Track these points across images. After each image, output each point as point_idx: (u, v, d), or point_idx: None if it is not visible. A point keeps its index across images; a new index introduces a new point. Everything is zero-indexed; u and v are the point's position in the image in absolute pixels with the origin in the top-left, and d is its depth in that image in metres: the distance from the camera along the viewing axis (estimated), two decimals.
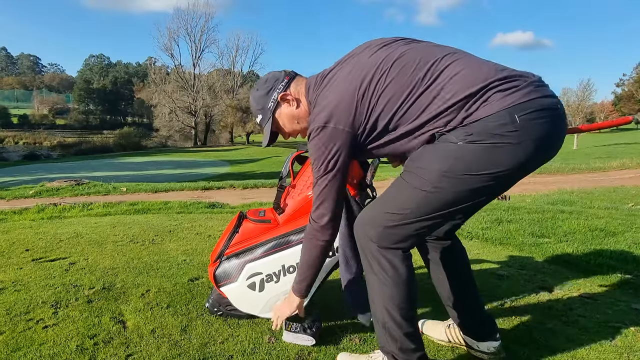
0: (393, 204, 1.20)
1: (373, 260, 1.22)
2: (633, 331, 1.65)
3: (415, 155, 1.18)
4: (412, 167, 1.17)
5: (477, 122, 1.07)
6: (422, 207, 1.15)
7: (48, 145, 43.44)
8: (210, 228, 3.47)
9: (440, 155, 1.11)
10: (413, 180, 1.16)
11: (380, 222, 1.20)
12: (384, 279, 1.21)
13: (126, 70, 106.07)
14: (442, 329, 1.55)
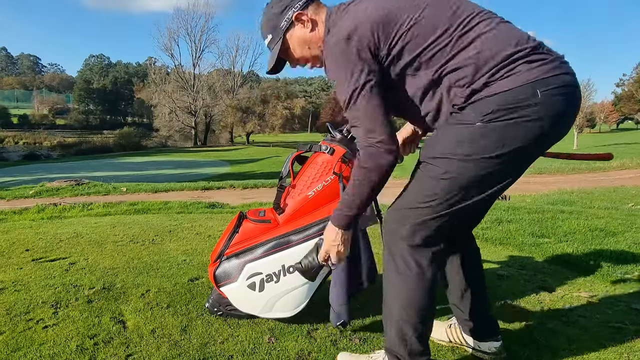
0: (419, 198, 1.16)
1: (400, 259, 1.20)
2: (633, 331, 1.65)
3: (430, 142, 1.16)
4: (430, 157, 1.14)
5: (496, 96, 1.04)
6: (449, 196, 1.12)
7: (48, 145, 43.48)
8: (210, 228, 3.47)
9: (459, 139, 1.08)
10: (434, 169, 1.13)
11: (410, 218, 1.17)
12: (408, 279, 1.18)
13: (126, 70, 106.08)
14: (442, 329, 1.54)
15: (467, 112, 1.08)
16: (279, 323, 1.65)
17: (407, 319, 1.20)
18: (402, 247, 1.19)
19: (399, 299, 1.21)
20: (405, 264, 1.19)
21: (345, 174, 1.54)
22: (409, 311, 1.20)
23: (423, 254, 1.18)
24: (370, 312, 1.79)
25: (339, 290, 1.49)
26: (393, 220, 1.22)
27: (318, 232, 1.54)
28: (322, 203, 1.57)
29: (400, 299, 1.21)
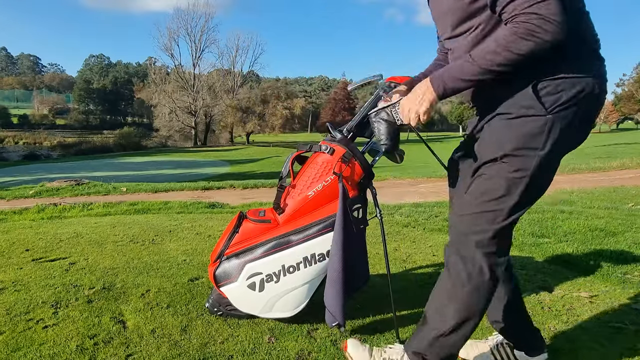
0: (490, 201, 1.13)
1: (472, 265, 1.16)
2: (633, 331, 1.65)
3: (490, 139, 1.13)
4: (498, 155, 1.11)
5: (569, 79, 1.05)
6: (524, 196, 1.11)
7: (48, 145, 43.48)
8: (210, 228, 3.47)
9: (531, 132, 1.07)
10: (505, 168, 1.10)
11: (484, 223, 1.14)
12: (480, 286, 1.16)
13: (126, 70, 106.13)
14: (486, 351, 1.45)
15: (535, 102, 1.06)
16: (279, 323, 1.65)
17: (454, 326, 1.17)
18: (477, 253, 1.15)
19: (458, 304, 1.17)
20: (479, 270, 1.15)
21: (345, 174, 1.54)
22: (464, 318, 1.16)
23: (498, 261, 1.16)
24: (370, 312, 1.79)
25: (333, 291, 1.49)
26: (465, 225, 1.18)
27: (318, 232, 1.54)
28: (322, 203, 1.57)
29: (461, 304, 1.17)
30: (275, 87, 48.16)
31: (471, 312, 1.17)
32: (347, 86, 1.40)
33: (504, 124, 1.12)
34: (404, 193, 7.61)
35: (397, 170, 11.56)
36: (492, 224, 1.14)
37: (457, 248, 1.20)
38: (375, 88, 1.55)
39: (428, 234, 3.41)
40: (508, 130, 1.11)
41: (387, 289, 1.59)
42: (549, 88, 1.06)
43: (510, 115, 1.11)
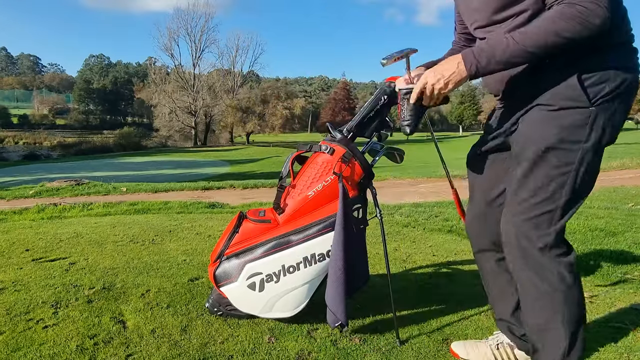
0: (542, 202, 1.09)
1: (551, 274, 1.11)
2: (633, 331, 1.65)
3: (531, 132, 1.09)
4: (538, 149, 1.08)
5: (613, 71, 1.03)
6: (573, 192, 1.08)
7: (48, 145, 43.50)
8: (210, 228, 3.47)
9: (574, 124, 1.04)
10: (551, 164, 1.07)
11: (544, 229, 1.10)
12: (568, 292, 1.12)
13: (126, 70, 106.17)
14: (487, 351, 1.44)
15: (580, 94, 1.03)
16: (279, 323, 1.65)
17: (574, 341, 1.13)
18: (546, 260, 1.11)
19: (561, 318, 1.12)
20: (559, 277, 1.11)
21: (345, 174, 1.54)
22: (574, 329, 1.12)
23: (569, 259, 1.12)
24: (370, 312, 1.79)
25: (334, 291, 1.49)
26: (522, 233, 1.13)
27: (318, 232, 1.54)
28: (322, 203, 1.57)
29: (563, 316, 1.12)
30: (275, 87, 48.17)
31: (576, 318, 1.13)
32: (381, 61, 1.25)
33: (545, 115, 1.08)
34: (404, 193, 7.60)
35: (397, 170, 11.56)
36: (550, 225, 1.09)
37: (523, 262, 1.14)
38: (375, 88, 1.56)
39: (428, 234, 3.41)
40: (550, 123, 1.07)
41: (387, 289, 1.59)
42: (594, 79, 1.03)
43: (552, 107, 1.07)
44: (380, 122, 1.60)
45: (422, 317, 1.76)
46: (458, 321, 1.73)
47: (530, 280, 1.15)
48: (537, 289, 1.14)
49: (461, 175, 11.14)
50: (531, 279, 1.14)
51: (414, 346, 1.52)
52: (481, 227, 1.41)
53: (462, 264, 2.55)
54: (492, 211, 1.36)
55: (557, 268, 1.11)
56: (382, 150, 1.66)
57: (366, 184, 1.61)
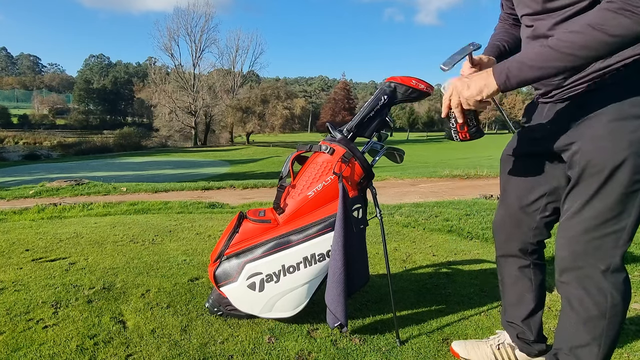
0: (609, 221, 1.03)
1: (605, 297, 1.07)
2: (633, 331, 1.66)
3: (595, 144, 1.00)
4: (604, 163, 0.99)
5: None
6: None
7: (48, 145, 43.51)
8: (210, 228, 3.47)
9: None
10: (619, 180, 0.99)
11: (609, 250, 1.05)
12: (611, 315, 1.08)
13: (126, 70, 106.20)
14: (488, 351, 1.44)
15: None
16: (279, 323, 1.65)
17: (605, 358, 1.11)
18: (604, 281, 1.07)
19: (601, 339, 1.08)
20: (611, 298, 1.07)
21: (345, 174, 1.54)
22: (610, 349, 1.10)
23: (625, 286, 1.09)
24: (370, 312, 1.79)
25: (334, 292, 1.49)
26: (584, 252, 1.07)
27: (318, 232, 1.54)
28: (322, 203, 1.57)
29: (610, 338, 1.09)
30: (275, 87, 48.09)
31: (614, 340, 1.10)
32: (441, 67, 1.11)
33: (613, 128, 0.99)
34: (404, 193, 7.61)
35: (397, 170, 11.56)
36: (616, 247, 1.05)
37: (578, 279, 1.09)
38: (375, 88, 1.56)
39: (428, 234, 3.41)
40: (620, 136, 0.97)
41: (387, 289, 1.59)
42: None
43: (619, 116, 0.98)
44: (380, 122, 1.60)
45: (422, 317, 1.76)
46: (458, 321, 1.73)
47: (581, 301, 1.10)
48: (586, 311, 1.10)
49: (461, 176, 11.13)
50: (582, 300, 1.10)
51: (414, 346, 1.52)
52: (512, 231, 1.34)
53: (462, 264, 2.55)
54: (526, 217, 1.30)
55: (610, 289, 1.07)
56: (382, 150, 1.66)
57: (366, 184, 1.61)
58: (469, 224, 3.71)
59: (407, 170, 12.20)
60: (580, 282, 1.09)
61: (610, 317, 1.07)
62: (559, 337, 1.18)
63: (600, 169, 1.01)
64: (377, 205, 1.64)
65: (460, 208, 4.65)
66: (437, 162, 17.50)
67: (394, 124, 1.73)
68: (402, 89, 1.58)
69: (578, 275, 1.09)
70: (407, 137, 61.26)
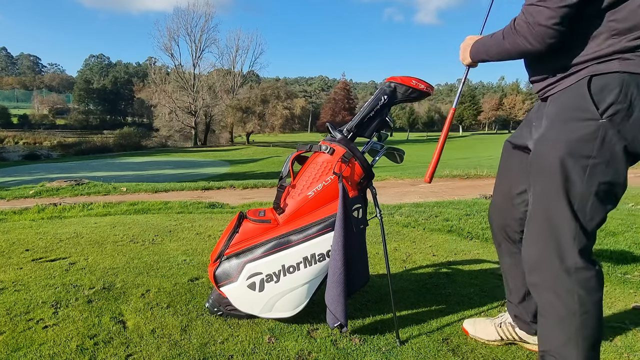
0: (561, 218, 1.10)
1: (567, 293, 1.11)
2: (633, 331, 1.65)
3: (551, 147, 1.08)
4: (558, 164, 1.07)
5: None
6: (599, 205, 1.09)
7: (48, 145, 43.50)
8: (210, 228, 3.47)
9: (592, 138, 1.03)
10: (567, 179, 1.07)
11: (570, 245, 1.10)
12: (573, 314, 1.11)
13: (126, 70, 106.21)
14: (492, 329, 1.55)
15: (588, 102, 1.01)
16: (279, 323, 1.65)
17: (597, 352, 1.13)
18: (572, 282, 1.10)
19: (587, 339, 1.10)
20: (580, 301, 1.10)
21: (345, 174, 1.54)
22: (588, 351, 1.11)
23: (592, 284, 1.12)
24: (370, 312, 1.79)
25: (334, 292, 1.49)
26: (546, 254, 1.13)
27: (318, 232, 1.54)
28: (322, 203, 1.57)
29: (587, 336, 1.10)
30: (275, 87, 48.10)
31: (594, 338, 1.12)
32: None
33: (554, 128, 1.10)
34: (404, 193, 7.61)
35: (397, 170, 11.56)
36: (574, 245, 1.11)
37: (545, 279, 1.14)
38: (374, 88, 1.56)
39: (428, 234, 3.41)
40: (558, 137, 1.09)
41: (387, 289, 1.59)
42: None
43: (562, 119, 1.09)
44: (380, 122, 1.60)
45: (422, 317, 1.76)
46: (458, 321, 1.73)
47: (550, 303, 1.14)
48: (556, 312, 1.13)
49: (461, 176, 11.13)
50: (551, 302, 1.13)
51: (414, 346, 1.52)
52: (499, 219, 1.46)
53: (462, 264, 2.55)
54: (509, 207, 1.41)
55: (578, 291, 1.09)
56: (382, 150, 1.66)
57: (366, 184, 1.61)
58: (469, 224, 3.71)
59: (407, 170, 12.20)
60: (547, 282, 1.13)
61: (582, 314, 1.09)
62: (541, 339, 1.21)
63: (541, 168, 1.09)
64: (377, 205, 1.64)
65: (460, 208, 4.65)
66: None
67: (394, 124, 1.73)
68: (402, 89, 1.58)
69: (544, 276, 1.13)
70: (407, 137, 61.24)
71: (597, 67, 1.01)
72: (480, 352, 1.50)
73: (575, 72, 1.05)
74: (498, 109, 69.70)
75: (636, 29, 0.97)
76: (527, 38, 1.03)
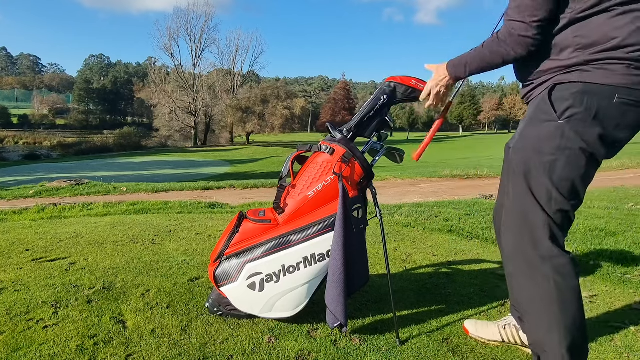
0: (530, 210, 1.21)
1: (543, 280, 1.18)
2: (633, 331, 1.65)
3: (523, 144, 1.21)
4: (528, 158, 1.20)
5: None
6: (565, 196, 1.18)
7: (48, 145, 43.52)
8: (210, 228, 3.47)
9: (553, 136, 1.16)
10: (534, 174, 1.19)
11: (542, 234, 1.19)
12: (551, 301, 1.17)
13: (126, 70, 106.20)
14: (495, 330, 1.56)
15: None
16: (279, 323, 1.65)
17: (582, 338, 1.18)
18: (546, 269, 1.17)
19: (568, 327, 1.16)
20: (557, 287, 1.17)
21: (345, 174, 1.54)
22: (570, 340, 1.16)
23: (566, 269, 1.18)
24: (370, 312, 1.79)
25: (334, 292, 1.49)
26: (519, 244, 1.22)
27: (318, 232, 1.54)
28: (322, 203, 1.57)
29: (568, 325, 1.16)
30: (275, 87, 48.06)
31: (577, 328, 1.17)
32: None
33: (525, 128, 1.24)
34: (404, 193, 7.61)
35: (397, 170, 11.55)
36: (545, 234, 1.18)
37: (520, 268, 1.22)
38: (374, 88, 1.57)
39: (428, 234, 3.41)
40: (527, 135, 1.23)
41: (387, 289, 1.59)
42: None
43: (531, 119, 1.23)
44: (380, 121, 1.60)
45: (422, 317, 1.76)
46: (458, 321, 1.73)
47: (528, 290, 1.21)
48: (534, 300, 1.20)
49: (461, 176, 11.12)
50: (529, 290, 1.21)
51: (414, 346, 1.52)
52: (499, 217, 1.49)
53: (462, 264, 2.55)
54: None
55: (554, 278, 1.16)
56: (382, 150, 1.66)
57: (366, 184, 1.61)
58: (469, 224, 3.71)
59: (407, 170, 12.19)
60: (523, 269, 1.21)
61: (560, 301, 1.16)
62: (527, 332, 1.27)
63: (510, 166, 1.25)
64: (377, 205, 1.64)
65: (460, 208, 4.64)
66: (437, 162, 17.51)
67: (394, 124, 1.73)
68: (401, 89, 1.58)
69: (520, 264, 1.22)
70: (407, 137, 61.20)
71: (562, 76, 1.15)
72: (480, 352, 1.50)
73: (547, 80, 1.19)
74: (498, 109, 69.71)
75: (596, 44, 1.09)
76: (512, 47, 1.19)
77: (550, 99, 1.14)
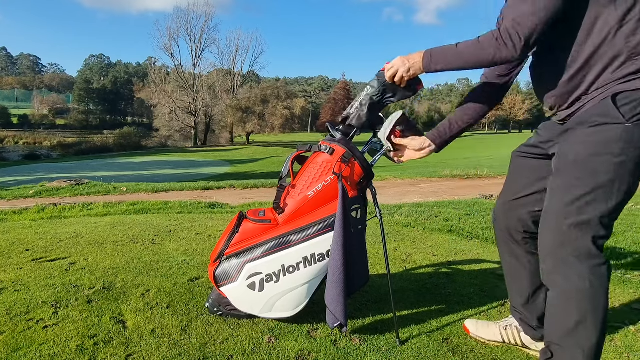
0: (577, 209, 1.18)
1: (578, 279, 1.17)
2: (633, 331, 1.66)
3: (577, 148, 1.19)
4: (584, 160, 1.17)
5: None
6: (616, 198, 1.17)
7: (48, 145, 43.51)
8: (210, 228, 3.47)
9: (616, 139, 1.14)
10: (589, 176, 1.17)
11: (583, 234, 1.17)
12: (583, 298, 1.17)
13: (126, 70, 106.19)
14: (496, 330, 1.56)
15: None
16: (279, 323, 1.65)
17: (602, 340, 1.18)
18: (583, 268, 1.17)
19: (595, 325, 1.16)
20: (589, 282, 1.17)
21: (345, 174, 1.54)
22: (603, 331, 1.17)
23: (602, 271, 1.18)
24: (370, 312, 1.79)
25: (334, 292, 1.49)
26: (559, 242, 1.20)
27: (318, 232, 1.54)
28: (322, 203, 1.57)
29: (596, 324, 1.17)
30: (275, 87, 48.06)
31: (600, 327, 1.17)
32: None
33: (578, 132, 1.21)
34: (404, 193, 7.61)
35: (397, 170, 11.55)
36: (587, 235, 1.17)
37: (557, 266, 1.20)
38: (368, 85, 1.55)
39: (428, 234, 3.41)
40: (579, 138, 1.19)
41: (387, 289, 1.59)
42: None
43: (582, 125, 1.20)
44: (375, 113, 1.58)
45: (422, 317, 1.76)
46: (458, 321, 1.73)
47: (561, 286, 1.19)
48: (566, 296, 1.18)
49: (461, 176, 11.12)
50: (562, 286, 1.19)
51: (414, 346, 1.52)
52: (504, 218, 1.50)
53: (462, 264, 2.55)
54: (514, 206, 1.46)
55: (589, 278, 1.15)
56: (382, 150, 1.66)
57: (366, 184, 1.61)
58: (469, 224, 3.71)
59: (407, 170, 12.19)
60: (559, 268, 1.19)
61: (592, 299, 1.15)
62: (547, 330, 1.25)
63: (567, 163, 1.20)
64: (377, 205, 1.64)
65: (460, 208, 4.65)
66: (437, 162, 17.50)
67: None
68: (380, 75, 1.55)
69: (556, 262, 1.19)
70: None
71: (621, 86, 1.12)
72: (480, 352, 1.50)
73: (601, 94, 1.16)
74: (498, 109, 69.59)
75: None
76: (513, 46, 1.17)
77: (616, 105, 1.12)
